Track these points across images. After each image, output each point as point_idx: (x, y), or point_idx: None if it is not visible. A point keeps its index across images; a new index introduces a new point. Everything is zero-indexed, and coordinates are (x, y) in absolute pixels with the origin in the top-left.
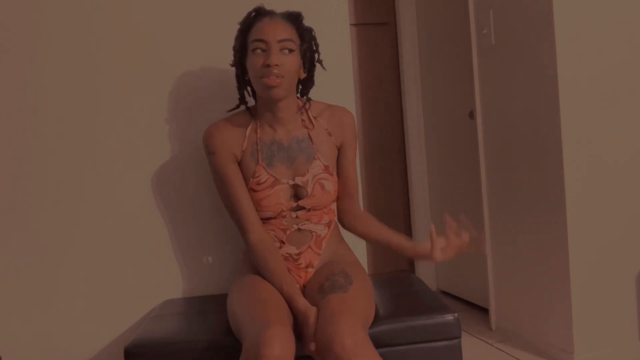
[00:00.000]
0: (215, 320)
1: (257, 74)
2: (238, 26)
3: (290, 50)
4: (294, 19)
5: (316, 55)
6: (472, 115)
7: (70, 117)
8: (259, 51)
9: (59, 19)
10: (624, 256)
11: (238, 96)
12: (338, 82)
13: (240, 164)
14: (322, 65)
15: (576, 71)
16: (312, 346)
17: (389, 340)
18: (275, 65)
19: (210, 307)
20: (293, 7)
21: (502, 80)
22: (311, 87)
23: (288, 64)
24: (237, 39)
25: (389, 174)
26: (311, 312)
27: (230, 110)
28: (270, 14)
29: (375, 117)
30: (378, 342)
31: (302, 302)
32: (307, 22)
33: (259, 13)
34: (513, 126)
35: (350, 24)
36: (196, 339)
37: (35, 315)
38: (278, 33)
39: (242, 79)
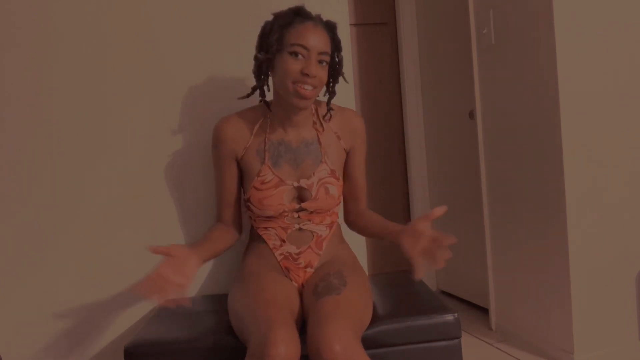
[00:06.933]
0: (216, 320)
1: (291, 78)
2: (268, 18)
3: (326, 63)
4: (331, 29)
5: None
6: (472, 115)
7: (72, 116)
8: (298, 56)
9: (67, 17)
10: (624, 256)
11: (250, 90)
12: (338, 82)
13: (242, 160)
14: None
15: (576, 71)
16: None
17: (389, 340)
18: (314, 76)
19: (210, 307)
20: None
21: (502, 80)
22: (333, 97)
23: (322, 76)
24: (274, 31)
25: (389, 174)
26: None
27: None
28: (312, 18)
29: (375, 117)
30: (378, 342)
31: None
32: None
33: (301, 14)
34: (513, 126)
35: (350, 24)
36: (196, 339)
37: (35, 315)
38: (320, 44)
39: (265, 71)
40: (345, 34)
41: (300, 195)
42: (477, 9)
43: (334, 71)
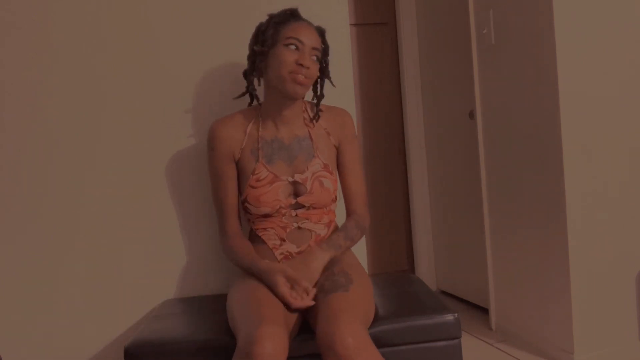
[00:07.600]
0: (215, 320)
1: (287, 68)
2: (264, 19)
3: (317, 59)
4: (322, 33)
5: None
6: (472, 115)
7: (71, 116)
8: (293, 47)
9: (66, 17)
10: (624, 256)
11: (244, 89)
12: (338, 82)
13: (239, 161)
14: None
15: (576, 71)
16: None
17: (389, 340)
18: (307, 67)
19: (210, 307)
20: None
21: (502, 80)
22: (321, 99)
23: (314, 70)
24: (269, 28)
25: (389, 174)
26: (275, 270)
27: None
28: (304, 20)
29: (375, 117)
30: (378, 342)
31: (266, 265)
32: None
33: (295, 15)
34: (513, 126)
35: (350, 24)
36: (196, 339)
37: (35, 315)
38: (313, 40)
39: (258, 65)
40: (345, 34)
41: (296, 191)
42: (477, 9)
43: (321, 74)
